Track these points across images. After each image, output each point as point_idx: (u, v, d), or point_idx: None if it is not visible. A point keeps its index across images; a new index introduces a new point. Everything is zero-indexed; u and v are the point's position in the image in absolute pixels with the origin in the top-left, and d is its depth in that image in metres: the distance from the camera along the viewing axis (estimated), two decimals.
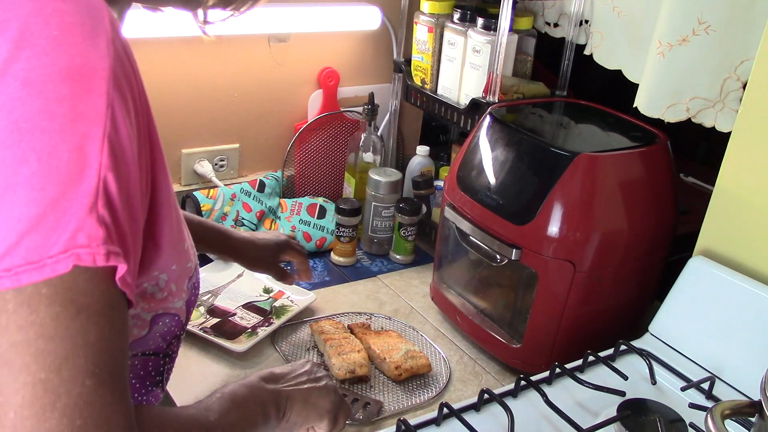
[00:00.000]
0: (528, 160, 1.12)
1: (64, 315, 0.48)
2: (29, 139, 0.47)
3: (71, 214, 0.48)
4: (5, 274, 0.47)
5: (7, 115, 0.47)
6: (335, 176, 1.69)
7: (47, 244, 0.47)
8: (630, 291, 1.16)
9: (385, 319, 1.32)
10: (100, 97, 0.50)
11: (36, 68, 0.48)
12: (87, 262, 0.48)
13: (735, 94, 1.12)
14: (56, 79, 0.48)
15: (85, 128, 0.49)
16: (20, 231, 0.47)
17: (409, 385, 1.15)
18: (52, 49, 0.49)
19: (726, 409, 0.70)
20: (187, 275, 0.71)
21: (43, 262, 0.47)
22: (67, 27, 0.49)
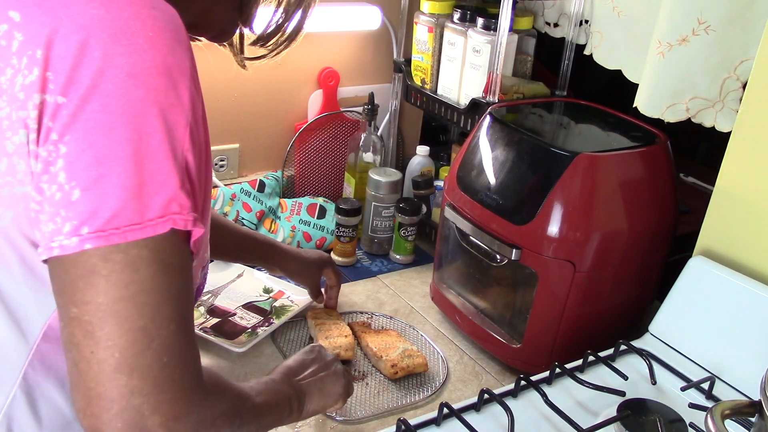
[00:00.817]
0: (528, 160, 1.12)
1: (159, 273, 0.59)
2: (135, 122, 0.57)
3: (166, 185, 0.59)
4: (114, 231, 0.57)
5: (116, 101, 0.57)
6: (335, 176, 1.69)
7: (147, 209, 0.58)
8: (630, 291, 1.16)
9: (386, 319, 1.32)
10: (185, 90, 0.60)
11: (138, 63, 0.57)
12: (180, 226, 0.59)
13: (735, 94, 1.12)
14: (154, 73, 0.58)
15: (176, 116, 0.59)
16: (125, 198, 0.57)
17: (406, 383, 1.15)
18: (150, 47, 0.58)
19: (726, 409, 0.70)
20: (203, 263, 0.78)
21: (145, 224, 0.58)
22: (160, 30, 0.59)
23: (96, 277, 0.57)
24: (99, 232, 0.56)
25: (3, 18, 0.59)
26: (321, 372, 0.91)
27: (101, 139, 0.56)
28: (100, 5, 0.58)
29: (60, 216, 0.57)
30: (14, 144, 0.59)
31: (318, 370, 0.91)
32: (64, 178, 0.57)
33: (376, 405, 1.09)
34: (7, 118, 0.58)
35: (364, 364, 1.18)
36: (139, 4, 0.59)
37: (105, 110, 0.56)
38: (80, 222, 0.56)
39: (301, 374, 0.89)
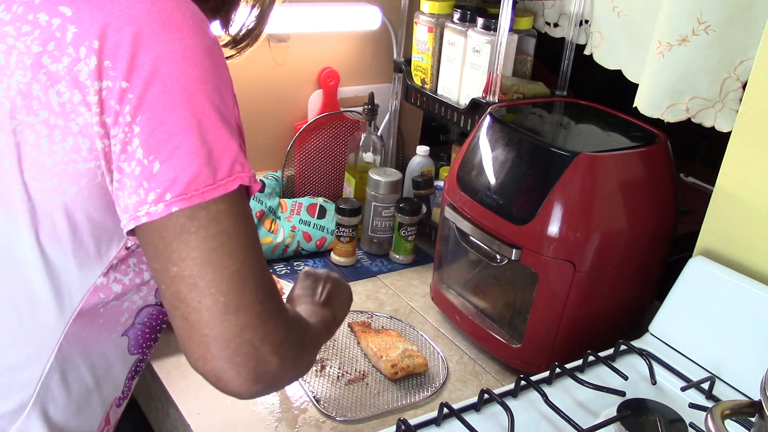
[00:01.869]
0: (528, 160, 1.12)
1: (239, 221, 0.66)
2: (195, 98, 0.65)
3: (229, 150, 0.66)
4: (195, 193, 0.64)
5: (176, 81, 0.64)
6: (335, 176, 1.68)
7: (218, 171, 0.65)
8: (630, 291, 1.16)
9: (386, 319, 1.32)
10: (223, 65, 0.69)
11: (188, 47, 0.65)
12: (246, 182, 0.67)
13: (735, 94, 1.12)
14: (202, 54, 0.66)
15: (225, 89, 0.68)
16: (198, 164, 0.64)
17: (406, 383, 1.15)
18: (194, 33, 0.66)
19: (726, 409, 0.70)
20: None
21: (218, 184, 0.65)
22: (195, 18, 0.67)
23: (186, 234, 0.64)
24: (182, 195, 0.64)
25: (55, 13, 0.65)
26: (327, 286, 0.97)
27: (169, 116, 0.64)
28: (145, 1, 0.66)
29: (143, 188, 0.64)
30: (78, 125, 0.65)
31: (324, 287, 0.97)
32: (142, 153, 0.64)
33: (376, 405, 1.09)
34: (69, 102, 0.65)
35: (364, 364, 1.18)
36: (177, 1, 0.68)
37: (168, 91, 0.64)
38: (163, 189, 0.64)
39: (318, 294, 0.95)
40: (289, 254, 1.51)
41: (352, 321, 1.28)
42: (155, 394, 1.15)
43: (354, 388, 1.12)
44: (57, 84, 0.65)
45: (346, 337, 1.25)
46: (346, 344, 1.23)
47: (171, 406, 1.08)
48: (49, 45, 0.65)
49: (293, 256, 1.52)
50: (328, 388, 1.12)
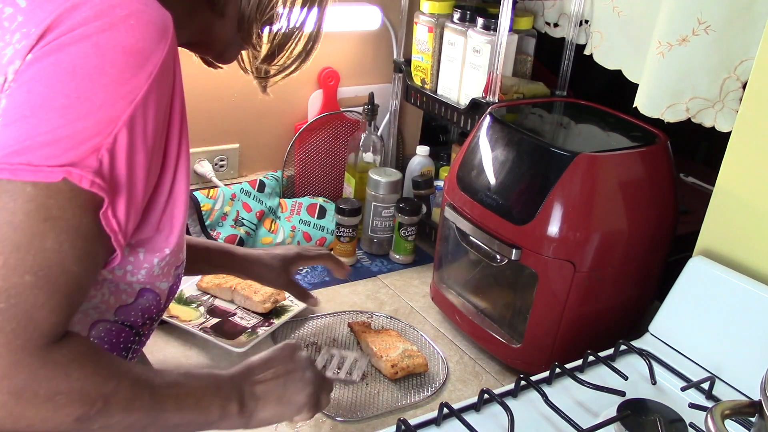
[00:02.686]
0: (528, 160, 1.12)
1: (35, 215, 0.57)
2: (78, 81, 0.59)
3: (81, 145, 0.59)
4: (7, 166, 0.57)
5: (71, 60, 0.59)
6: (335, 176, 1.68)
7: (51, 157, 0.58)
8: (630, 291, 1.16)
9: (386, 319, 1.32)
10: (147, 78, 0.62)
11: (108, 38, 0.60)
12: (74, 179, 0.58)
13: (735, 94, 1.12)
14: (119, 51, 0.60)
15: (123, 92, 0.61)
16: (38, 142, 0.58)
17: (406, 383, 1.15)
18: (126, 31, 0.61)
19: (726, 409, 0.70)
20: (176, 264, 0.77)
21: (41, 168, 0.58)
22: (143, 23, 0.62)
23: None
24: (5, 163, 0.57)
25: (11, 3, 0.63)
26: (285, 375, 0.82)
27: (39, 87, 0.59)
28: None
29: None
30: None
31: (282, 373, 0.82)
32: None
33: (376, 405, 1.09)
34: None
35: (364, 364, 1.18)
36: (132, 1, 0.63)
37: (56, 65, 0.59)
38: None
39: (261, 374, 0.80)
40: None
41: (352, 321, 1.28)
42: None
43: (354, 389, 1.12)
44: None
45: (345, 338, 1.25)
46: (346, 344, 1.23)
47: None
48: None
49: None
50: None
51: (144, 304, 0.76)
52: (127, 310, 0.75)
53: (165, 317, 1.21)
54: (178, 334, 1.20)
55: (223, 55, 0.85)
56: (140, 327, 0.78)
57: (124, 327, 0.76)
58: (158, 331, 1.21)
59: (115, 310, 0.74)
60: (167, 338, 1.20)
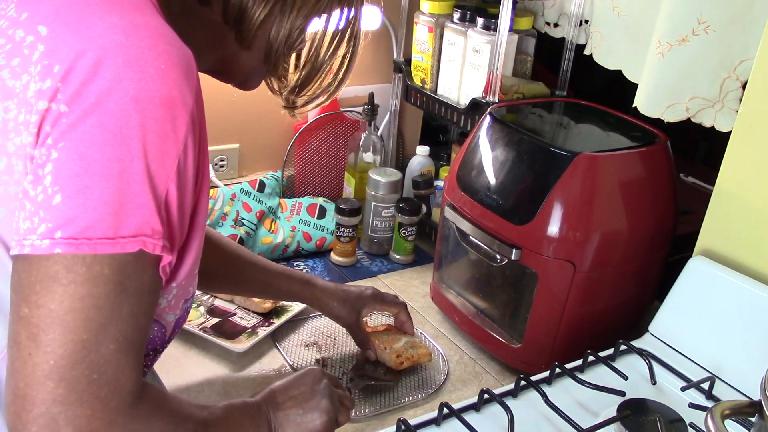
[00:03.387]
0: (528, 160, 1.12)
1: (114, 292, 0.60)
2: (127, 144, 0.59)
3: (144, 209, 0.60)
4: (86, 241, 0.58)
5: (115, 120, 0.59)
6: (335, 176, 1.69)
7: (122, 227, 0.59)
8: (630, 291, 1.16)
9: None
10: (182, 126, 0.62)
11: (144, 90, 0.60)
12: (149, 249, 0.61)
13: (734, 94, 1.12)
14: (157, 102, 0.60)
15: (167, 146, 0.61)
16: (103, 212, 0.59)
17: (406, 383, 1.15)
18: (159, 78, 0.61)
19: (726, 409, 0.70)
20: (186, 296, 0.77)
21: (117, 240, 0.59)
22: (172, 65, 0.62)
23: (55, 284, 0.58)
24: (72, 239, 0.58)
25: (32, 31, 0.63)
26: (303, 401, 0.85)
27: (93, 153, 0.59)
28: (120, 32, 0.61)
29: (38, 216, 0.59)
30: (15, 145, 0.61)
31: (301, 399, 0.85)
32: (50, 182, 0.59)
33: (376, 405, 1.09)
34: (14, 120, 0.61)
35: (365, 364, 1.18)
36: (156, 38, 0.62)
37: (102, 127, 0.59)
38: (55, 226, 0.58)
39: (283, 401, 0.84)
40: (289, 254, 1.51)
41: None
42: None
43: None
44: (8, 100, 0.61)
45: (347, 337, 1.25)
46: (346, 344, 1.23)
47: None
48: (14, 60, 0.62)
49: (293, 256, 1.52)
50: None
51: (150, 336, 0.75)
52: None
53: None
54: (178, 334, 1.20)
55: (246, 84, 0.85)
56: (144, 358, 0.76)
57: None
58: None
59: None
60: None
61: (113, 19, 0.62)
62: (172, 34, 0.64)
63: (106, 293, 0.60)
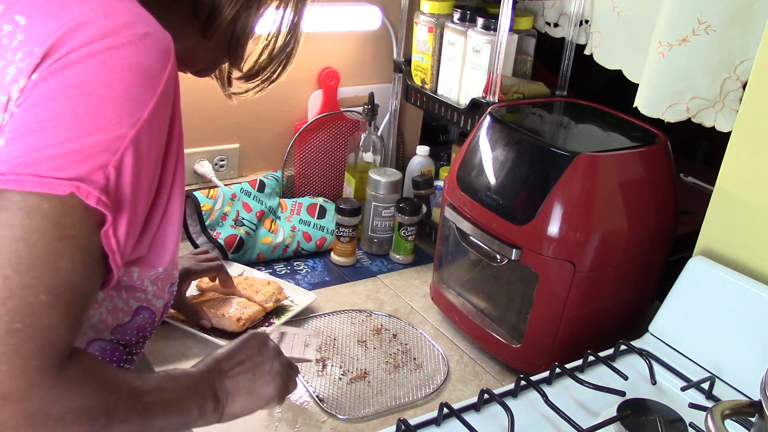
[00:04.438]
0: (528, 160, 1.12)
1: (51, 233, 0.57)
2: (86, 97, 0.59)
3: (89, 160, 0.59)
4: (15, 177, 0.56)
5: (78, 76, 0.59)
6: (335, 176, 1.69)
7: (59, 170, 0.57)
8: (630, 291, 1.16)
9: (386, 318, 1.32)
10: (152, 95, 0.62)
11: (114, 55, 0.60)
12: (82, 195, 0.58)
13: (735, 94, 1.12)
14: (126, 68, 0.61)
15: (131, 109, 0.61)
16: (46, 155, 0.57)
17: (407, 383, 1.15)
18: (132, 50, 0.61)
19: (726, 409, 0.70)
20: (171, 281, 0.78)
21: (48, 180, 0.57)
22: (149, 42, 0.63)
23: None
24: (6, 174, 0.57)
25: (10, 20, 0.63)
26: (254, 368, 0.82)
27: (46, 102, 0.59)
28: (99, 12, 0.62)
29: None
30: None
31: (251, 365, 0.82)
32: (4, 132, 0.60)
33: (377, 404, 1.09)
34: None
35: (365, 363, 1.18)
36: (135, 19, 0.63)
37: (63, 81, 0.59)
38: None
39: (229, 368, 0.80)
40: (289, 254, 1.51)
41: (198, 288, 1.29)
42: None
43: (355, 387, 1.12)
44: None
45: (348, 337, 1.25)
46: (346, 343, 1.23)
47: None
48: None
49: (293, 256, 1.52)
50: (330, 387, 1.12)
51: (140, 322, 0.77)
52: (123, 329, 0.75)
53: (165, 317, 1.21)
54: (178, 334, 1.20)
55: (203, 72, 0.87)
56: (134, 345, 0.78)
57: (119, 346, 0.76)
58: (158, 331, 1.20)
59: (112, 330, 0.74)
60: (167, 338, 1.20)
61: (91, 4, 0.63)
62: (152, 19, 0.65)
63: (40, 230, 0.56)
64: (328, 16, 1.53)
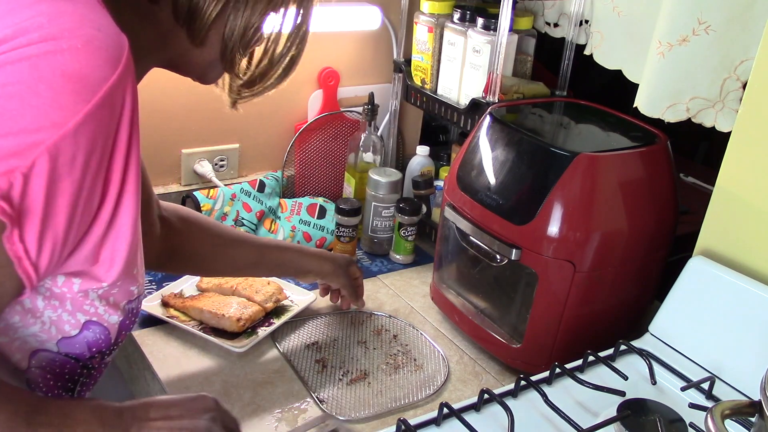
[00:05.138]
0: (528, 160, 1.12)
1: None
2: (6, 99, 0.56)
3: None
4: None
5: (5, 78, 0.56)
6: (335, 176, 1.69)
7: None
8: (630, 291, 1.16)
9: (386, 318, 1.32)
10: (85, 104, 0.58)
11: (49, 62, 0.57)
12: None
13: (735, 94, 1.12)
14: (59, 75, 0.57)
15: (54, 118, 0.57)
16: None
17: (407, 383, 1.15)
18: (70, 56, 0.58)
19: (726, 409, 0.70)
20: (128, 297, 0.75)
21: None
22: (93, 47, 0.59)
23: None
24: None
25: None
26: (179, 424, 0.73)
27: None
28: (45, 16, 0.59)
29: None
30: None
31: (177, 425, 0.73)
32: None
33: (377, 404, 1.09)
34: None
35: (365, 363, 1.18)
36: (81, 23, 0.60)
37: None
38: None
39: (156, 417, 0.73)
40: None
41: (165, 296, 1.28)
42: (155, 394, 1.15)
43: (356, 388, 1.12)
44: None
45: (348, 337, 1.25)
46: (346, 344, 1.24)
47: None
48: None
49: None
50: (330, 387, 1.12)
51: (90, 337, 0.74)
52: (71, 343, 0.73)
53: (165, 317, 1.22)
54: (178, 334, 1.20)
55: (203, 78, 0.83)
56: (88, 359, 0.76)
57: (69, 359, 0.74)
58: (158, 331, 1.21)
59: (57, 341, 0.72)
60: (167, 338, 1.20)
61: (41, 8, 0.60)
62: (106, 21, 0.62)
63: None
64: (328, 16, 1.53)
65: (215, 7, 0.71)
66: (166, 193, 1.49)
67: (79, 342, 0.74)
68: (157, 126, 1.43)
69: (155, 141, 1.45)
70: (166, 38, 0.74)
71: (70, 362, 0.74)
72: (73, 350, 0.74)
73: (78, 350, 0.74)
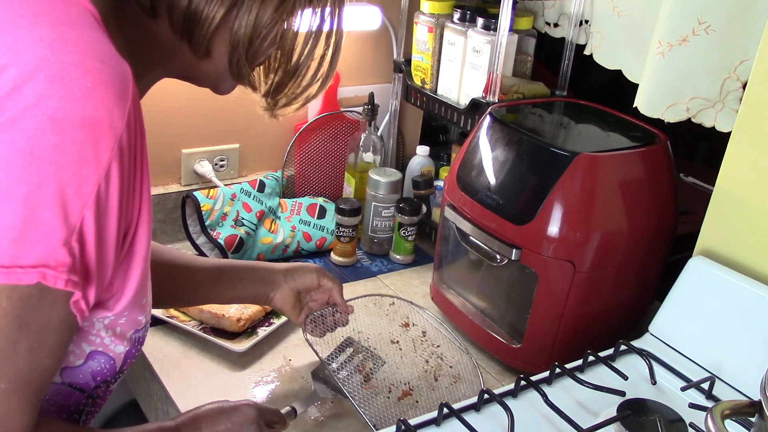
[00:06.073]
0: (528, 160, 1.12)
1: (11, 327, 0.56)
2: (37, 165, 0.54)
3: (49, 238, 0.55)
4: None
5: (27, 140, 0.54)
6: (335, 176, 1.69)
7: (21, 255, 0.55)
8: (630, 291, 1.16)
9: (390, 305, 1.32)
10: (106, 151, 0.57)
11: (64, 109, 0.55)
12: (50, 283, 0.56)
13: (735, 94, 1.12)
14: (77, 123, 0.55)
15: (86, 172, 0.56)
16: (4, 238, 0.54)
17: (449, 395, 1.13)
18: (83, 98, 0.55)
19: (726, 409, 0.70)
20: (135, 327, 0.74)
21: (14, 270, 0.54)
22: (101, 84, 0.57)
23: None
24: None
25: None
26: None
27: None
28: (47, 46, 0.56)
29: None
30: None
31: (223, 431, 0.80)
32: None
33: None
34: None
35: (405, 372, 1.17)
36: (86, 54, 0.57)
37: (12, 145, 0.54)
38: None
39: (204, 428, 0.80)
40: (289, 254, 1.51)
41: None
42: (155, 394, 1.15)
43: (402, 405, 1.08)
44: None
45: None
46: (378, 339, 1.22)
47: (171, 406, 1.08)
48: None
49: (293, 256, 1.51)
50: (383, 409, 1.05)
51: (95, 367, 0.73)
52: (74, 373, 0.72)
53: (165, 317, 1.21)
54: (178, 334, 1.20)
55: (216, 89, 0.80)
56: (93, 389, 0.75)
57: (74, 390, 0.73)
58: (158, 331, 1.21)
59: (61, 371, 0.71)
60: (167, 338, 1.20)
61: (42, 33, 0.57)
62: (108, 50, 0.60)
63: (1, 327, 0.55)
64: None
65: (214, 18, 0.67)
66: (166, 193, 1.49)
67: (84, 372, 0.72)
68: (157, 126, 1.43)
69: (155, 141, 1.45)
70: (170, 52, 0.72)
71: (75, 393, 0.73)
72: (78, 380, 0.72)
73: (82, 380, 0.73)
